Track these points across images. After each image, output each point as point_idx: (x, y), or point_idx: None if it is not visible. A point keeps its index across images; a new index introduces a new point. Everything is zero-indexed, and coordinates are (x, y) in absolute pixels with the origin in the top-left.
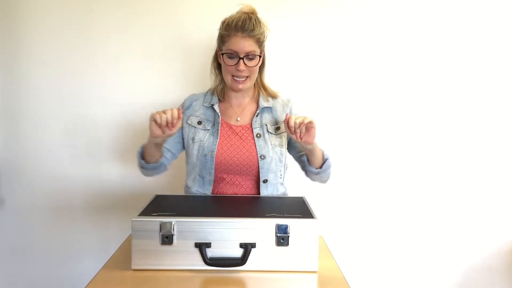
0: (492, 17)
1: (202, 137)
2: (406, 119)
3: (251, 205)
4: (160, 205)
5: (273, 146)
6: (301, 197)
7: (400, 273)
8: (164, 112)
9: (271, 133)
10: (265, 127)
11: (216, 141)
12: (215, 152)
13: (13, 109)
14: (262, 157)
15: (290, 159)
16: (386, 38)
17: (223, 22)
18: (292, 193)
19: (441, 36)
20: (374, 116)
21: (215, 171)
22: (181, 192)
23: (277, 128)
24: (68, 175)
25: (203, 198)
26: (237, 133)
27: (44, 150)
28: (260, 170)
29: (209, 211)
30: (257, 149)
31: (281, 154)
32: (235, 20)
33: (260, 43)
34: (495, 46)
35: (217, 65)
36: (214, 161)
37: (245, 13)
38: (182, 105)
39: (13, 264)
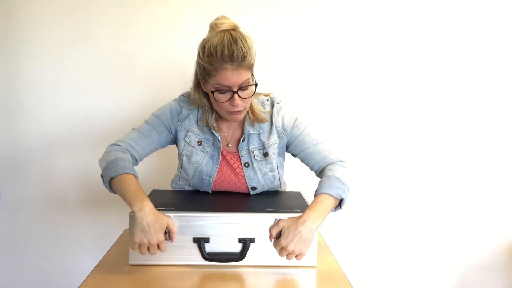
0: (492, 17)
1: (200, 160)
2: (404, 117)
3: (250, 200)
4: (158, 200)
5: (263, 174)
6: (298, 192)
7: (399, 269)
8: (149, 245)
9: (259, 160)
10: (252, 154)
11: (216, 167)
12: (213, 179)
13: (9, 104)
14: (253, 189)
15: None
16: (384, 37)
17: (203, 50)
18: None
19: (440, 35)
20: (371, 114)
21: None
22: None
23: (265, 154)
24: (65, 169)
25: (201, 193)
26: (228, 161)
27: (40, 144)
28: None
29: (207, 206)
30: (247, 181)
31: (274, 178)
32: (219, 48)
33: (251, 67)
34: (495, 46)
35: (203, 93)
36: (212, 185)
37: (225, 31)
38: (180, 110)
39: (10, 258)
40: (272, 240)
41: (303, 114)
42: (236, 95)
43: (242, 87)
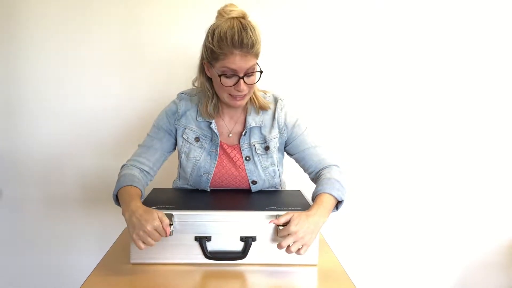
0: (492, 17)
1: (198, 156)
2: (406, 116)
3: (251, 198)
4: (159, 198)
5: (264, 168)
6: (298, 190)
7: (399, 268)
8: (148, 234)
9: (260, 154)
10: (253, 147)
11: (214, 163)
12: (212, 175)
13: (11, 102)
14: (254, 183)
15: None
16: (385, 37)
17: (213, 34)
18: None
19: (441, 36)
20: (372, 114)
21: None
22: None
23: (266, 148)
24: (66, 167)
25: (201, 192)
26: (228, 154)
27: (42, 143)
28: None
29: (209, 204)
30: (248, 175)
31: (274, 173)
32: (229, 34)
33: (258, 55)
34: (495, 46)
35: (206, 78)
36: (210, 181)
37: (235, 18)
38: (176, 109)
39: (10, 257)
40: (276, 232)
41: (304, 116)
42: (241, 80)
43: (248, 73)
